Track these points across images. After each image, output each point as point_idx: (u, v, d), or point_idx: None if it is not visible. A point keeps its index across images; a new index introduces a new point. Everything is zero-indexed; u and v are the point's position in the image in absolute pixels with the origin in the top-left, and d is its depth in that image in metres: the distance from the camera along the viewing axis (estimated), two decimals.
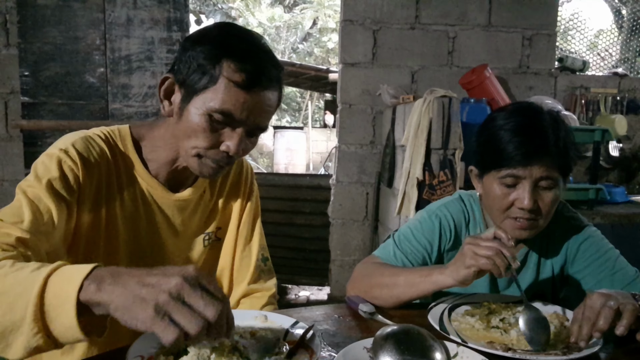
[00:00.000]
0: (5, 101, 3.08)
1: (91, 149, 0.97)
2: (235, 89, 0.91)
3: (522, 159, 1.08)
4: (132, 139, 1.05)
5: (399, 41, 3.20)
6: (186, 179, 1.10)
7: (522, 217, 1.11)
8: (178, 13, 3.19)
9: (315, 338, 0.87)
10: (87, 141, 0.98)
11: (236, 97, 0.91)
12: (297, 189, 4.19)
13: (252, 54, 0.93)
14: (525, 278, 1.27)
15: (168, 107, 0.98)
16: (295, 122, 18.19)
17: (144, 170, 1.03)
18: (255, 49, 0.95)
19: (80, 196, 0.94)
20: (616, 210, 2.61)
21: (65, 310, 0.63)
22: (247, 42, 0.95)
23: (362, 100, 3.25)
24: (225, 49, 0.92)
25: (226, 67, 0.91)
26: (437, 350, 0.83)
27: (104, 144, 1.00)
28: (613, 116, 3.20)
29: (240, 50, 0.92)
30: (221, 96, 0.91)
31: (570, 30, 4.62)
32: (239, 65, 0.91)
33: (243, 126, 0.95)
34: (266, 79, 0.93)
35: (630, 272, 1.19)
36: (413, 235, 1.26)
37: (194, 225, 1.13)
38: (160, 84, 0.98)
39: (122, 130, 1.05)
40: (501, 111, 1.17)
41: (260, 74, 0.92)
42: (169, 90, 0.98)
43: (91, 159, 0.96)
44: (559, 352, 0.89)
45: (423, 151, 2.41)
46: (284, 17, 18.01)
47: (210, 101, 0.91)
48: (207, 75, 0.91)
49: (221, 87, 0.91)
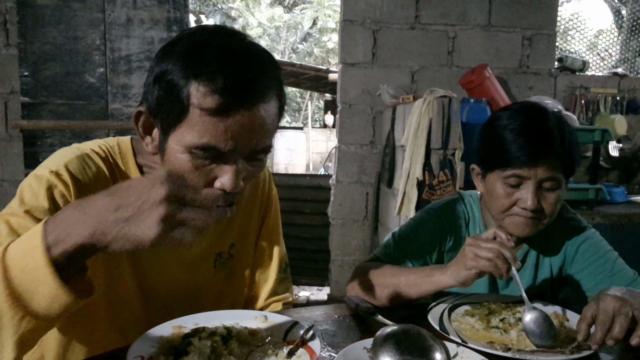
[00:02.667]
0: (5, 101, 3.08)
1: (87, 170, 0.85)
2: (209, 117, 0.73)
3: (527, 159, 1.07)
4: (133, 153, 0.92)
5: (399, 41, 3.20)
6: None
7: (525, 215, 1.12)
8: (178, 13, 3.20)
9: (315, 338, 0.87)
10: (82, 161, 0.85)
11: (214, 127, 0.73)
12: (297, 189, 4.19)
13: (227, 67, 0.73)
14: (523, 278, 1.26)
15: (151, 144, 0.82)
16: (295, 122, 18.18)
17: None
18: (231, 59, 0.74)
19: None
20: (616, 210, 2.61)
21: (40, 280, 0.59)
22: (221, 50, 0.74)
23: (362, 100, 3.25)
24: (192, 66, 0.73)
25: (194, 92, 0.72)
26: (437, 350, 0.83)
27: (102, 163, 0.88)
28: (613, 116, 3.19)
29: (211, 65, 0.72)
30: (197, 129, 0.73)
31: (570, 30, 4.63)
32: (210, 86, 0.72)
33: (235, 157, 0.77)
34: (249, 95, 0.74)
35: (629, 274, 1.19)
36: (413, 234, 1.26)
37: (203, 247, 1.01)
38: (135, 119, 0.82)
39: (123, 145, 0.92)
40: (505, 110, 1.17)
41: (237, 91, 0.73)
42: (147, 125, 0.81)
43: (87, 182, 0.83)
44: (567, 352, 0.89)
45: (423, 151, 2.41)
46: (283, 17, 18.01)
47: (186, 137, 0.74)
48: (176, 105, 0.74)
49: (194, 119, 0.73)
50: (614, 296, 0.93)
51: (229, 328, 0.89)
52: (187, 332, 0.87)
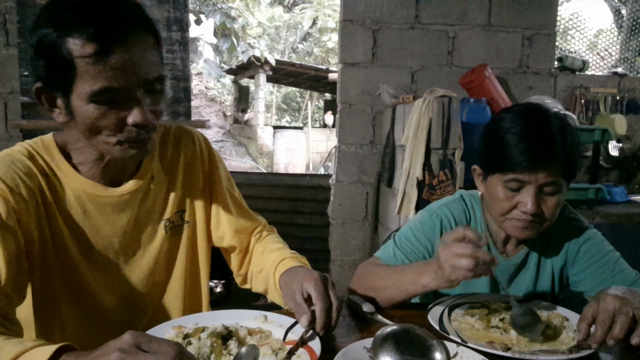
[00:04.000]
0: (5, 101, 3.08)
1: (17, 171, 0.90)
2: (93, 63, 0.80)
3: (528, 164, 1.07)
4: (57, 147, 0.98)
5: (399, 41, 3.20)
6: (127, 171, 1.03)
7: (525, 219, 1.11)
8: (178, 13, 3.19)
9: (315, 338, 0.87)
10: (10, 164, 0.91)
11: (102, 70, 0.81)
12: (297, 189, 4.19)
13: (93, 14, 0.81)
14: (525, 278, 1.27)
15: (60, 115, 0.90)
16: (295, 122, 18.19)
17: (76, 175, 0.97)
18: (92, 6, 0.82)
19: (21, 220, 0.88)
20: (616, 210, 2.61)
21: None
22: (82, 2, 0.82)
23: (362, 100, 3.25)
24: (62, 26, 0.80)
25: (72, 46, 0.80)
26: (437, 350, 0.83)
27: (29, 161, 0.93)
28: (613, 116, 3.19)
29: (78, 18, 0.80)
30: (89, 78, 0.81)
31: (570, 30, 4.63)
32: (83, 35, 0.79)
33: (134, 92, 0.85)
34: (121, 32, 0.82)
35: (631, 275, 1.19)
36: (414, 235, 1.26)
37: (148, 215, 1.06)
38: (37, 98, 0.89)
39: (46, 141, 0.98)
40: (508, 112, 1.15)
41: (109, 30, 0.81)
42: (50, 98, 0.88)
43: (19, 184, 0.89)
44: (567, 351, 0.89)
45: (423, 151, 2.41)
46: (283, 17, 18.02)
47: (83, 89, 0.82)
48: (61, 66, 0.81)
49: (82, 69, 0.81)
50: (615, 296, 0.92)
51: (229, 328, 0.89)
52: (187, 332, 0.88)
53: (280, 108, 20.13)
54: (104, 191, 0.99)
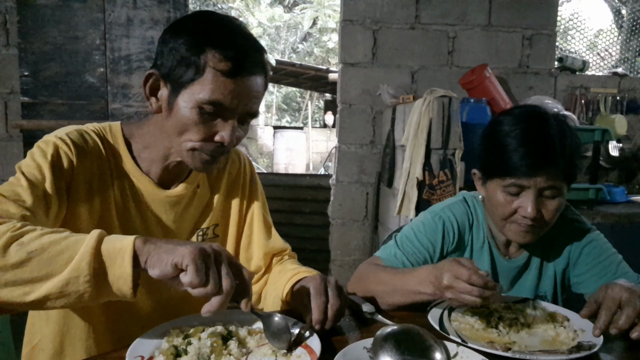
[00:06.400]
0: (5, 101, 3.08)
1: (86, 140, 0.99)
2: (222, 77, 0.90)
3: (527, 169, 1.06)
4: (123, 135, 1.05)
5: (399, 41, 3.20)
6: (179, 176, 1.09)
7: (525, 223, 1.11)
8: (178, 13, 3.19)
9: (315, 338, 0.87)
10: (81, 134, 0.99)
11: (224, 86, 0.91)
12: (297, 189, 4.19)
13: (234, 40, 0.92)
14: (527, 280, 1.26)
15: (155, 104, 0.98)
16: (295, 122, 18.19)
17: (134, 167, 1.03)
18: (236, 35, 0.94)
19: (73, 183, 0.95)
20: (616, 210, 2.61)
21: (121, 260, 0.73)
22: (227, 28, 0.94)
23: (362, 100, 3.25)
24: (206, 38, 0.91)
25: (211, 57, 0.90)
26: (437, 350, 0.83)
27: (96, 137, 1.01)
28: (613, 116, 3.19)
29: (222, 38, 0.92)
30: (210, 87, 0.90)
31: (570, 30, 4.62)
32: (224, 53, 0.90)
33: (234, 115, 0.94)
34: (251, 64, 0.93)
35: (633, 277, 1.19)
36: (415, 236, 1.25)
37: (187, 222, 1.11)
38: (145, 80, 0.97)
39: (114, 127, 1.06)
40: (506, 115, 1.15)
41: (244, 59, 0.92)
42: (155, 87, 0.97)
43: (85, 149, 0.97)
44: (567, 352, 0.89)
45: (423, 151, 2.40)
46: (283, 17, 18.01)
47: (199, 93, 0.91)
48: (192, 67, 0.90)
49: (208, 78, 0.90)
50: (623, 286, 0.92)
51: (229, 328, 0.89)
52: (188, 332, 0.88)
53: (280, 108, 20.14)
54: (153, 188, 1.05)
